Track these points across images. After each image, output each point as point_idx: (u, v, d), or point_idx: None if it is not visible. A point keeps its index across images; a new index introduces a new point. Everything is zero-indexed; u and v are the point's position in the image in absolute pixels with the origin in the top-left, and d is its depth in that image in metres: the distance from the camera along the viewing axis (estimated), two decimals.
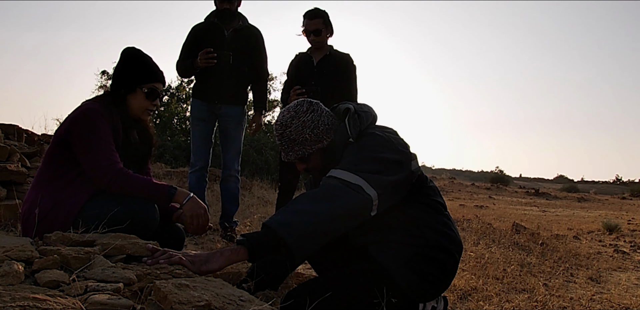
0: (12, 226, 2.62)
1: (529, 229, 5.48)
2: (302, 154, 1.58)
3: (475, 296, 2.45)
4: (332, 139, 1.57)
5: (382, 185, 1.38)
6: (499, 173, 33.09)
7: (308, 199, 1.35)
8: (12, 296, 0.81)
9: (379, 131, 1.54)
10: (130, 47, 1.89)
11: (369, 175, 1.38)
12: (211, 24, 3.16)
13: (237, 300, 1.00)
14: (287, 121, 1.57)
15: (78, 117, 1.71)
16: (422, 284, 1.46)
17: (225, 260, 1.26)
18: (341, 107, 1.64)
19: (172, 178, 6.50)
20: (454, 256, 1.52)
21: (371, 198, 1.36)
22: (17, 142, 4.05)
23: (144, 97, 1.84)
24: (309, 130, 1.55)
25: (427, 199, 1.55)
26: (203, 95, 3.22)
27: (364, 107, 1.63)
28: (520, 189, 20.15)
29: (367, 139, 1.51)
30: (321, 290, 1.40)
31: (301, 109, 1.57)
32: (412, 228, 1.49)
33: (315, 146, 1.57)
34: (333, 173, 1.42)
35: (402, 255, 1.46)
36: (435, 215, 1.54)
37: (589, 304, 2.57)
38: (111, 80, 1.91)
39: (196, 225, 1.76)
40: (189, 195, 1.73)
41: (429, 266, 1.46)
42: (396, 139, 1.54)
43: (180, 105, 10.93)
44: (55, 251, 1.15)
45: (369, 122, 1.59)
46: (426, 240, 1.48)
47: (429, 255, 1.47)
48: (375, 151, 1.45)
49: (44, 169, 1.74)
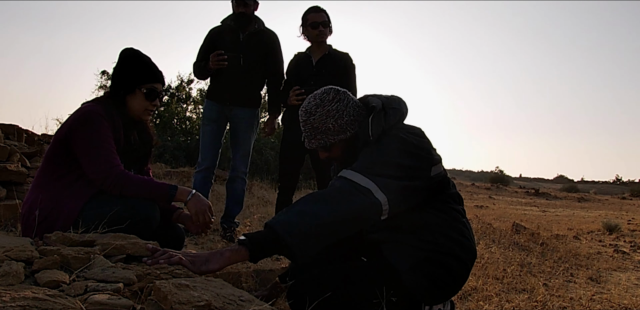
0: (12, 226, 2.61)
1: (529, 229, 5.48)
2: (324, 143, 1.55)
3: (475, 296, 2.45)
4: (356, 131, 1.53)
5: (393, 190, 1.34)
6: (499, 173, 33.11)
7: (313, 200, 1.33)
8: (12, 296, 0.81)
9: (403, 133, 1.48)
10: (129, 48, 1.88)
11: (380, 179, 1.34)
12: (227, 27, 3.18)
13: (237, 300, 1.00)
14: (311, 109, 1.54)
15: (79, 119, 1.71)
16: (430, 287, 1.44)
17: (226, 261, 1.25)
18: (370, 100, 1.58)
19: (172, 178, 6.50)
20: (466, 264, 1.50)
21: (380, 202, 1.32)
22: (17, 142, 4.05)
23: (143, 98, 1.83)
24: (332, 120, 1.52)
25: (445, 206, 1.51)
26: (215, 96, 3.25)
27: (393, 103, 1.57)
28: (520, 189, 20.15)
29: (388, 140, 1.46)
30: (329, 284, 1.40)
31: (327, 97, 1.54)
32: (425, 233, 1.46)
33: (338, 137, 1.54)
34: (344, 173, 1.40)
35: (413, 257, 1.45)
36: (450, 223, 1.50)
37: (589, 304, 2.57)
38: (110, 81, 1.91)
39: (202, 222, 1.75)
40: (191, 192, 1.73)
41: (438, 271, 1.44)
42: (420, 142, 1.48)
43: (180, 105, 10.93)
44: (55, 251, 1.15)
45: (396, 121, 1.54)
46: (438, 246, 1.45)
47: (440, 261, 1.45)
48: (392, 155, 1.41)
49: (44, 169, 1.74)
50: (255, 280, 2.08)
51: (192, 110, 11.18)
